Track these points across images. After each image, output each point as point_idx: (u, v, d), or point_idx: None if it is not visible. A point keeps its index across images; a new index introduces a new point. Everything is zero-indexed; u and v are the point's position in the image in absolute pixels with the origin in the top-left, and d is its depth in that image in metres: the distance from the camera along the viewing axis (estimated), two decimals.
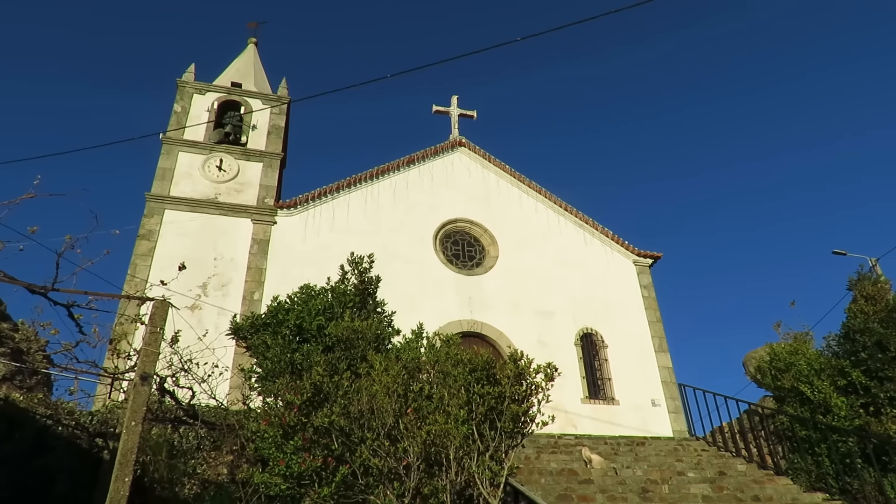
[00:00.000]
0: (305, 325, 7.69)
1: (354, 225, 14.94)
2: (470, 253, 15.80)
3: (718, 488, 9.18)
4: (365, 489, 4.76)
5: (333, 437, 4.77)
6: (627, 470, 10.04)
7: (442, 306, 14.34)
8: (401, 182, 15.98)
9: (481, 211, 16.21)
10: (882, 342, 9.38)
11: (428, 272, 14.87)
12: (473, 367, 5.25)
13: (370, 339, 7.18)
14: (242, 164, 15.07)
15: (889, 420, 8.93)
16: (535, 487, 8.86)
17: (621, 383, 14.59)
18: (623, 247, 16.61)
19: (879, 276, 13.98)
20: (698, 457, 11.11)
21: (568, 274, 15.88)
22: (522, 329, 14.59)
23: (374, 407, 4.95)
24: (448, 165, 16.71)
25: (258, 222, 14.26)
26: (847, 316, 10.10)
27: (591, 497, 8.65)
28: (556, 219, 16.72)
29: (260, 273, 13.67)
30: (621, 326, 15.40)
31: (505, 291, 15.09)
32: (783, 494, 9.02)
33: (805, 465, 9.49)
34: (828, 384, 9.65)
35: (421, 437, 4.77)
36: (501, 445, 5.06)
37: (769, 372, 10.72)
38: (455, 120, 17.52)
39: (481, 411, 5.01)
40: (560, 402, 13.74)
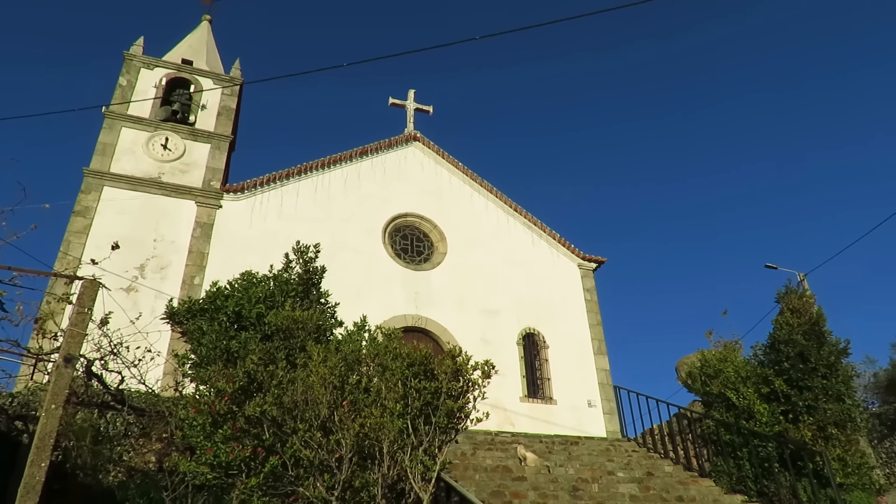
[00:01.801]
0: (245, 312, 7.53)
1: (303, 213, 14.72)
2: (419, 248, 15.79)
3: (645, 488, 9.49)
4: (295, 481, 4.70)
5: (265, 428, 4.69)
6: (560, 468, 10.26)
7: (388, 300, 14.30)
8: (353, 173, 15.83)
9: (432, 206, 16.22)
10: (804, 353, 9.88)
11: (376, 265, 14.79)
12: (412, 361, 5.26)
13: (311, 329, 7.09)
14: (189, 145, 14.62)
15: (806, 427, 9.41)
16: (470, 483, 8.96)
17: (560, 383, 14.88)
18: (569, 250, 16.92)
19: (806, 290, 14.72)
20: (629, 457, 11.45)
21: (514, 274, 16.08)
22: (467, 326, 14.69)
23: (309, 398, 4.89)
24: (402, 159, 16.65)
25: (203, 205, 13.86)
26: (774, 327, 10.58)
27: (524, 494, 8.80)
28: (505, 219, 16.89)
29: (202, 257, 13.30)
30: (563, 328, 15.69)
31: (451, 288, 15.16)
32: (706, 496, 9.39)
33: (727, 468, 9.91)
34: (752, 391, 10.09)
35: (354, 430, 4.75)
36: (435, 440, 5.08)
37: (699, 377, 11.13)
38: (411, 114, 17.46)
39: (417, 406, 5.03)
40: (499, 400, 13.94)
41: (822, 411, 9.55)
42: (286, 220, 14.41)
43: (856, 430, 10.01)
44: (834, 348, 10.07)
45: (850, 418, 9.76)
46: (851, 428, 9.78)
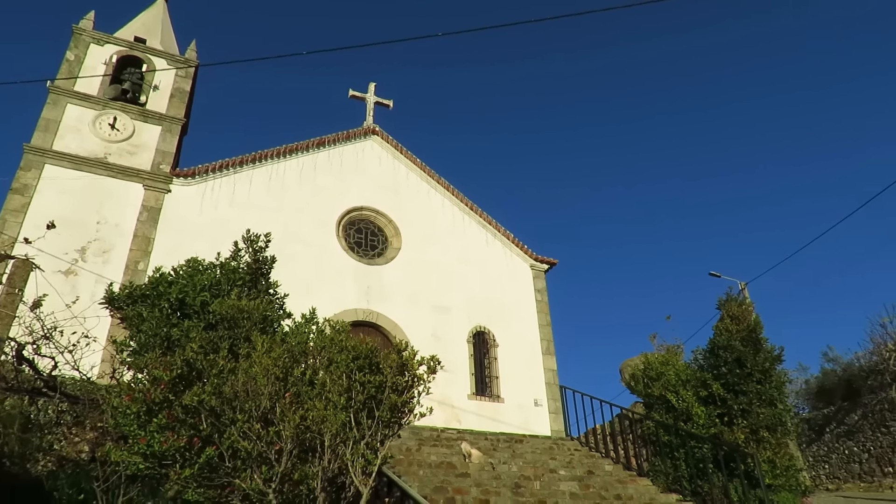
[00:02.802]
0: (189, 300, 7.33)
1: (256, 202, 14.43)
2: (373, 242, 15.70)
3: (585, 486, 9.68)
4: (232, 472, 4.61)
5: (203, 418, 4.58)
6: (504, 465, 10.37)
7: (339, 293, 14.16)
8: (309, 163, 15.61)
9: (388, 201, 16.14)
10: (741, 359, 10.24)
11: (328, 258, 14.63)
12: (357, 354, 5.22)
13: (257, 319, 6.95)
14: (139, 126, 14.15)
15: (739, 430, 9.76)
16: (414, 479, 8.98)
17: (508, 382, 15.03)
18: (522, 250, 17.10)
19: (746, 298, 15.26)
20: (571, 456, 11.66)
21: (468, 272, 16.15)
22: (418, 322, 14.69)
23: (250, 389, 4.80)
24: (359, 152, 16.50)
25: (151, 189, 13.44)
26: (714, 333, 10.94)
27: (466, 490, 8.86)
28: (461, 217, 16.95)
29: (147, 242, 12.90)
30: (513, 327, 15.85)
31: (404, 284, 15.13)
32: (642, 494, 9.65)
33: (664, 468, 10.20)
34: (691, 394, 10.41)
35: (294, 422, 4.68)
36: (378, 434, 5.06)
37: (642, 380, 11.42)
38: (371, 107, 17.33)
39: (360, 399, 4.99)
40: (448, 398, 14.00)
41: (756, 415, 9.92)
42: (238, 208, 14.11)
43: (786, 433, 10.44)
44: (769, 355, 10.48)
45: (781, 422, 10.17)
46: (782, 432, 10.19)
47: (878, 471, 18.54)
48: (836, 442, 20.32)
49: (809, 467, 20.37)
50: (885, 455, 18.48)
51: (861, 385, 21.19)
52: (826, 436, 20.82)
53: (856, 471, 19.33)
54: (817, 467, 20.74)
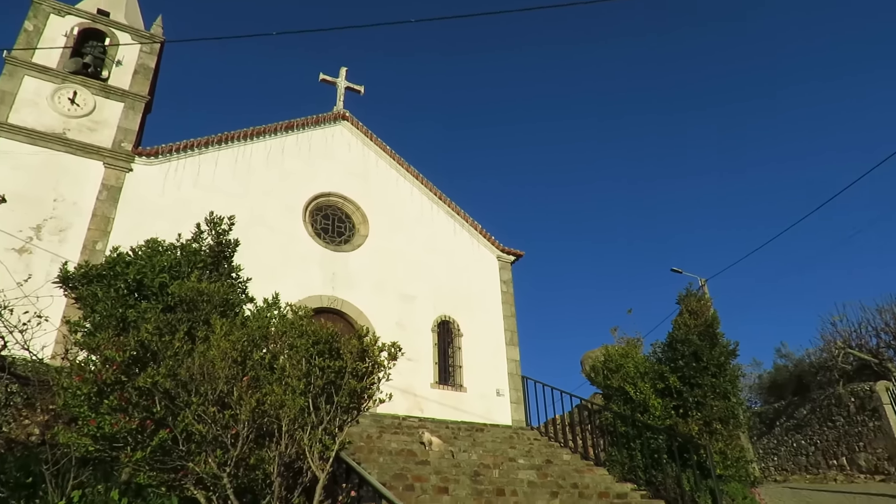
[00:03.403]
0: (147, 281, 7.17)
1: (221, 184, 14.17)
2: (340, 229, 15.58)
3: (543, 475, 9.82)
4: (186, 456, 4.55)
5: (156, 400, 4.50)
6: (464, 454, 10.46)
7: (304, 279, 14.04)
8: (276, 147, 15.38)
9: (357, 188, 16.03)
10: (697, 353, 10.49)
11: (294, 243, 14.48)
12: (317, 339, 5.19)
13: (217, 303, 6.84)
14: (100, 101, 13.74)
15: (693, 422, 10.01)
16: (373, 466, 8.99)
17: (471, 371, 15.14)
18: (489, 241, 17.18)
19: (705, 294, 15.66)
20: (530, 445, 11.81)
21: (435, 261, 16.17)
22: (383, 310, 14.66)
23: (207, 371, 4.73)
24: (328, 137, 16.33)
25: (111, 167, 13.08)
26: (672, 327, 11.17)
27: (426, 478, 8.90)
28: (429, 206, 16.93)
29: (107, 222, 12.57)
30: (478, 317, 15.95)
31: (370, 271, 15.07)
32: (598, 483, 9.84)
33: (620, 458, 10.41)
34: (649, 386, 10.62)
35: (251, 405, 4.63)
36: (336, 420, 5.05)
37: (602, 371, 11.62)
38: (341, 92, 17.13)
39: (319, 384, 4.96)
40: (411, 386, 14.04)
41: (710, 407, 10.18)
42: (202, 189, 13.84)
43: (738, 426, 10.75)
44: (724, 349, 10.75)
45: (733, 415, 10.46)
46: (734, 424, 10.48)
47: (823, 463, 19.27)
48: (786, 435, 21.04)
49: (759, 459, 21.05)
50: (830, 448, 19.20)
51: (811, 381, 21.95)
52: (776, 429, 21.53)
53: (803, 463, 20.06)
54: (767, 459, 21.44)
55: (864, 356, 20.05)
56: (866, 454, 18.04)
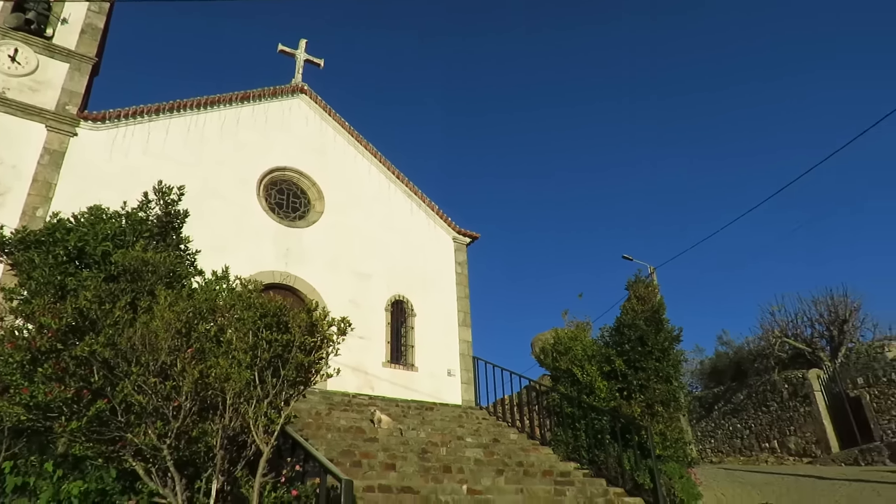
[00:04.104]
0: (89, 249, 6.92)
1: (172, 153, 13.73)
2: (294, 204, 15.33)
3: (490, 453, 10.00)
4: (124, 427, 4.44)
5: (94, 369, 4.37)
6: (413, 432, 10.55)
7: (257, 254, 13.79)
8: (231, 118, 14.97)
9: (313, 163, 15.77)
10: (643, 337, 10.79)
11: (247, 217, 14.19)
12: (265, 312, 5.12)
13: (163, 273, 6.66)
14: (43, 61, 13.07)
15: (636, 404, 10.33)
16: (321, 442, 8.98)
17: (423, 351, 15.21)
18: (446, 222, 17.20)
19: (653, 281, 16.09)
20: (478, 424, 11.99)
21: (390, 240, 16.11)
22: (337, 288, 14.55)
23: (149, 342, 4.61)
24: (286, 110, 15.98)
25: (54, 130, 12.50)
26: (621, 312, 11.44)
27: (374, 454, 8.95)
28: (386, 184, 16.81)
29: (48, 188, 12.04)
30: (432, 298, 16.00)
31: (325, 248, 14.91)
32: (543, 462, 10.08)
33: (565, 438, 10.67)
34: (595, 369, 10.88)
35: (193, 376, 4.55)
36: (282, 394, 5.01)
37: (551, 353, 11.84)
38: (300, 64, 16.75)
39: (266, 357, 4.90)
40: (362, 364, 14.03)
41: (652, 390, 10.51)
42: (152, 158, 13.38)
43: (678, 409, 11.12)
44: (669, 335, 11.08)
45: (674, 398, 10.81)
46: (674, 407, 10.84)
47: (756, 446, 20.22)
48: (723, 419, 21.96)
49: (697, 441, 21.94)
50: (763, 432, 20.15)
51: (749, 367, 22.93)
52: (714, 413, 22.45)
53: (737, 446, 21.00)
54: (704, 441, 22.36)
55: (799, 345, 21.04)
56: (796, 438, 19.01)
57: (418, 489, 7.91)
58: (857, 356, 18.42)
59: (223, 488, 5.03)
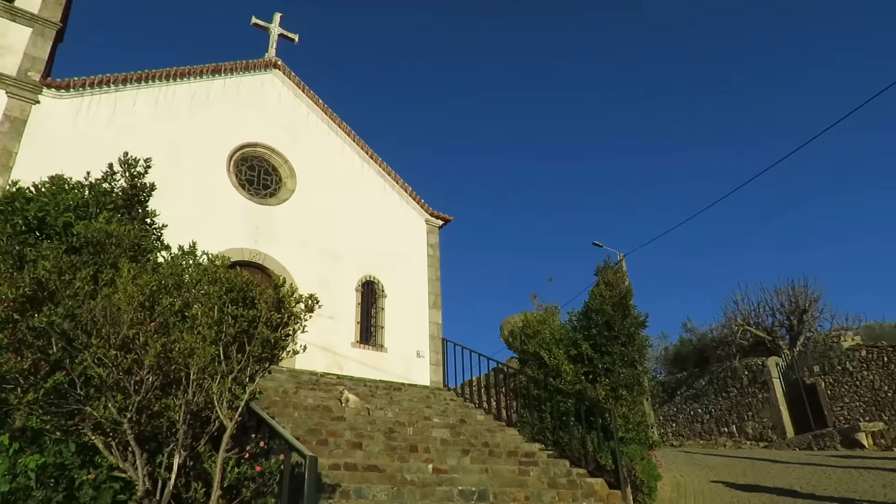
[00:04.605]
0: (50, 219, 6.73)
1: (140, 126, 13.39)
2: (266, 182, 15.12)
3: (456, 433, 10.10)
4: (84, 400, 4.36)
5: (53, 341, 4.27)
6: (380, 411, 10.59)
7: (226, 231, 13.58)
8: (201, 91, 14.64)
9: (285, 140, 15.54)
10: (610, 322, 10.95)
11: (217, 193, 13.95)
12: (231, 287, 5.05)
13: (127, 246, 6.51)
14: (4, 24, 12.59)
15: (601, 387, 10.50)
16: (288, 420, 8.96)
17: (393, 332, 15.23)
18: (419, 204, 17.15)
19: (622, 267, 16.33)
20: (446, 405, 12.09)
21: (362, 220, 16.01)
22: (307, 267, 14.44)
23: (110, 314, 4.52)
24: (258, 85, 15.68)
25: (15, 97, 12.09)
26: (589, 297, 11.58)
27: (340, 433, 8.97)
28: (360, 164, 16.66)
29: (8, 156, 11.67)
30: (403, 279, 15.99)
31: (296, 227, 14.77)
32: (508, 442, 10.22)
33: (531, 420, 10.82)
34: (562, 353, 11.02)
35: (156, 350, 4.48)
36: (247, 370, 4.97)
37: (519, 336, 11.95)
38: (274, 39, 16.43)
39: (231, 333, 4.85)
40: (331, 344, 13.99)
41: (617, 374, 10.69)
42: (119, 129, 13.04)
43: (641, 393, 11.34)
44: (635, 320, 11.25)
45: (638, 382, 11.02)
46: (638, 391, 11.05)
47: (715, 430, 20.81)
48: (685, 404, 22.52)
49: (659, 425, 22.46)
50: (723, 417, 20.73)
51: (711, 354, 23.51)
52: (677, 398, 23.00)
53: (698, 430, 21.58)
54: (666, 425, 22.92)
55: (760, 333, 21.62)
56: (754, 423, 19.60)
57: (384, 468, 7.96)
58: (815, 345, 18.99)
59: (185, 463, 4.99)
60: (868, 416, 16.29)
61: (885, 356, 16.40)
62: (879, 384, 16.34)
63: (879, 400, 16.22)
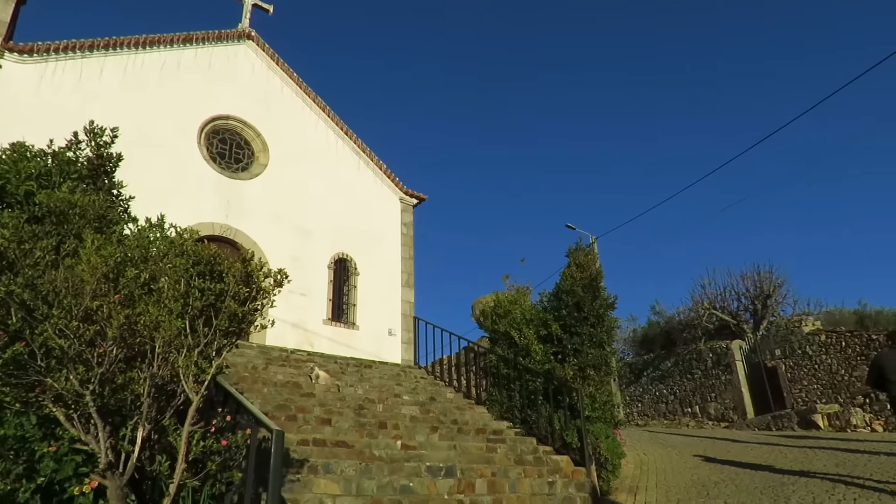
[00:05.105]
0: (10, 188, 6.54)
1: (107, 94, 13.02)
2: (238, 155, 14.87)
3: (426, 411, 10.17)
4: (44, 371, 4.29)
5: (12, 311, 4.18)
6: (350, 388, 10.60)
7: (196, 205, 13.37)
8: (172, 60, 14.27)
9: (258, 114, 15.27)
10: (580, 304, 11.09)
11: (187, 166, 13.69)
12: (198, 259, 4.98)
13: (91, 217, 6.37)
14: None
15: (569, 367, 10.66)
16: (257, 396, 8.93)
17: (365, 310, 15.22)
18: (393, 182, 17.06)
19: (593, 250, 16.51)
20: (416, 383, 12.15)
21: (336, 197, 15.88)
22: (279, 243, 14.31)
23: (73, 285, 4.43)
24: (231, 56, 15.34)
25: None
26: (560, 278, 11.70)
27: (309, 409, 8.97)
28: (334, 140, 16.48)
29: None
30: (376, 257, 15.95)
31: (268, 202, 14.59)
32: (477, 420, 10.33)
33: (500, 398, 10.95)
34: (532, 333, 11.14)
35: (119, 321, 4.41)
36: (214, 343, 4.92)
37: (491, 316, 12.04)
38: (248, 9, 16.05)
39: (198, 306, 4.79)
40: (302, 321, 13.94)
41: (585, 354, 10.86)
42: (85, 97, 12.66)
43: (608, 373, 11.55)
44: (605, 302, 11.42)
45: (605, 363, 11.21)
46: (605, 371, 11.24)
47: (679, 410, 21.34)
48: (651, 385, 23.03)
49: (626, 405, 22.95)
50: (687, 398, 21.25)
51: (678, 337, 24.03)
52: (643, 379, 23.50)
53: (662, 410, 22.11)
54: (632, 405, 23.43)
55: (725, 317, 22.14)
56: (716, 404, 20.14)
57: (353, 443, 7.99)
58: (777, 329, 19.51)
59: (150, 437, 4.95)
60: (825, 398, 16.85)
61: (843, 341, 16.93)
62: (836, 368, 16.88)
63: (836, 383, 16.78)
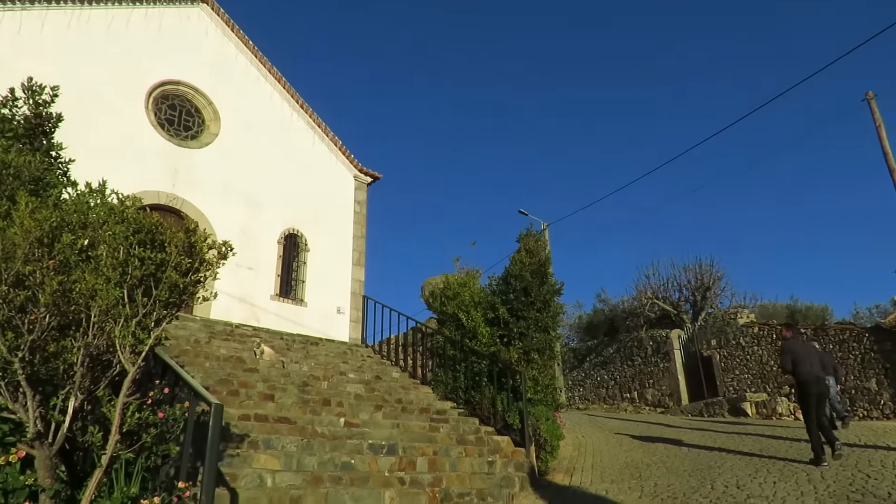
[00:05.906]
0: None
1: (49, 51, 12.38)
2: (187, 123, 14.41)
3: (371, 389, 10.22)
4: None
5: None
6: (295, 365, 10.54)
7: (141, 172, 12.92)
8: (120, 18, 13.66)
9: (211, 81, 14.82)
10: (527, 288, 11.26)
11: (134, 131, 13.20)
12: (138, 227, 4.84)
13: (26, 179, 6.10)
14: None
15: (514, 350, 10.86)
16: (198, 370, 8.78)
17: (314, 287, 15.09)
18: (348, 159, 16.87)
19: (544, 236, 16.73)
20: (362, 361, 12.17)
21: (288, 172, 15.61)
22: (228, 216, 14.00)
23: (3, 248, 4.25)
24: (184, 18, 14.79)
25: None
26: (510, 263, 11.85)
27: (252, 385, 8.88)
28: (289, 112, 16.15)
29: None
30: (327, 234, 15.80)
31: (217, 173, 14.22)
32: (421, 400, 10.44)
33: (445, 379, 11.08)
34: (480, 315, 11.28)
35: (52, 287, 4.27)
36: (153, 314, 4.81)
37: (440, 298, 12.11)
38: None
39: (137, 275, 4.66)
40: (249, 295, 13.72)
41: (531, 338, 11.06)
42: (23, 52, 12.01)
43: (552, 357, 11.80)
44: (552, 288, 11.63)
45: (549, 347, 11.45)
46: (549, 355, 11.49)
47: (618, 396, 22.05)
48: (593, 370, 23.67)
49: (568, 389, 23.57)
50: (626, 383, 21.96)
51: (621, 324, 24.74)
52: (586, 364, 24.13)
53: (602, 395, 22.79)
54: (574, 390, 24.07)
55: (667, 307, 22.90)
56: (653, 390, 20.89)
57: (295, 420, 7.97)
58: (714, 320, 20.31)
59: (83, 407, 4.83)
60: (754, 387, 17.68)
61: (773, 333, 17.77)
62: (766, 359, 17.72)
63: (765, 373, 17.62)
